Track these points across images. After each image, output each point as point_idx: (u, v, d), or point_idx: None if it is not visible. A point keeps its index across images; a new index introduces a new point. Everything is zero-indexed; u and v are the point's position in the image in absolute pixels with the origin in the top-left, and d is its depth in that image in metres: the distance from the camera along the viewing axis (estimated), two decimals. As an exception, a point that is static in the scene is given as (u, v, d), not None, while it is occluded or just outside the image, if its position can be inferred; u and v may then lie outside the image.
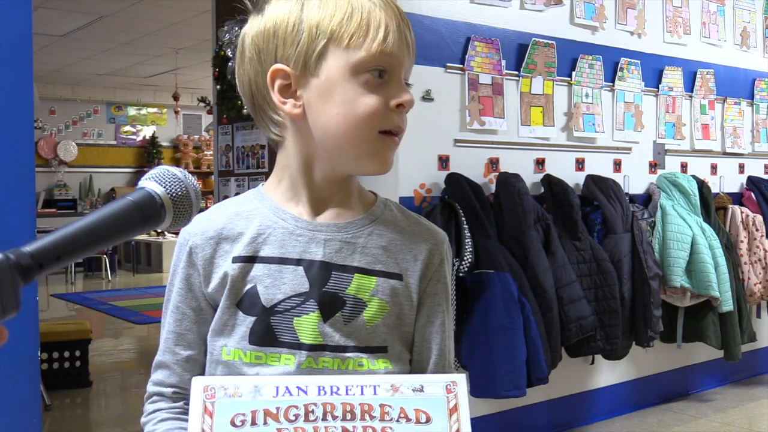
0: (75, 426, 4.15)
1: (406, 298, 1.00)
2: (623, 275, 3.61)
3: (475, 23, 3.49)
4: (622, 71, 4.07)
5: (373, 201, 1.05)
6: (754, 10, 4.92)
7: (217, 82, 4.07)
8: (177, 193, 0.77)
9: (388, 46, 0.94)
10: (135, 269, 11.25)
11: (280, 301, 0.96)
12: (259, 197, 1.02)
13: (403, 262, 1.00)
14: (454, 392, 0.84)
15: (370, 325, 0.97)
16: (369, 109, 0.93)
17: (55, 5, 7.08)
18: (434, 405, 0.83)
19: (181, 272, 1.02)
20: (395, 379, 0.84)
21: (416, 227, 1.04)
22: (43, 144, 11.89)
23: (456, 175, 3.28)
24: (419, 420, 0.82)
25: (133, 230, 0.73)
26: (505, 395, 3.08)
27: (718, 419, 3.97)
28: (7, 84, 2.34)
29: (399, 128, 0.96)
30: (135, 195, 0.74)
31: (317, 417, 0.81)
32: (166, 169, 0.78)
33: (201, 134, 13.48)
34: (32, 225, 2.44)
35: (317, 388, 0.83)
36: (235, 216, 1.01)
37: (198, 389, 0.82)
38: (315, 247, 0.97)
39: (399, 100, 0.95)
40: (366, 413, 0.82)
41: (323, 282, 0.96)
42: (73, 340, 4.69)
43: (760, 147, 4.94)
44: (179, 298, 1.02)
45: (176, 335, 1.02)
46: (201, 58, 9.17)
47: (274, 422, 0.81)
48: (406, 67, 0.97)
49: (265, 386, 0.83)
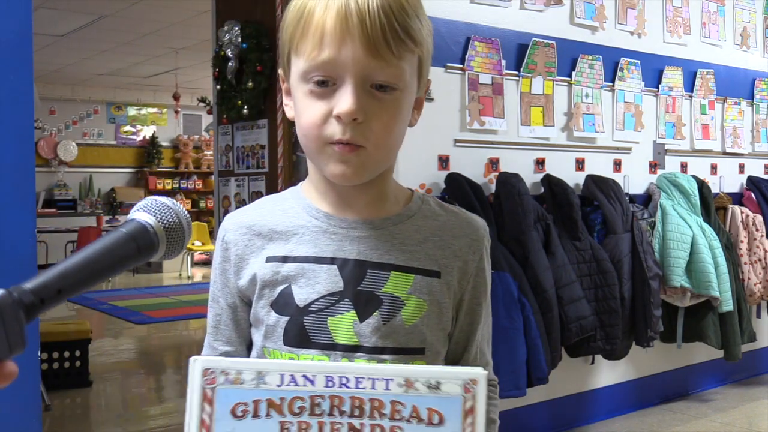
0: (75, 426, 4.14)
1: (445, 295, 0.97)
2: (623, 275, 3.61)
3: (475, 23, 3.49)
4: (622, 71, 4.07)
5: (409, 196, 1.02)
6: (754, 10, 4.92)
7: (217, 82, 4.07)
8: (169, 223, 0.76)
9: (323, 50, 0.87)
10: (135, 269, 11.25)
11: (314, 300, 0.94)
12: (295, 195, 1.02)
13: (441, 259, 0.97)
14: (472, 392, 0.78)
15: (408, 324, 0.94)
16: (310, 120, 0.90)
17: (55, 5, 7.08)
18: (449, 405, 0.77)
19: (218, 266, 1.02)
20: (410, 372, 0.78)
21: (455, 221, 1.01)
22: (43, 144, 11.89)
23: (456, 175, 3.28)
24: (431, 421, 0.77)
25: (129, 262, 0.73)
26: (505, 395, 3.08)
27: (718, 419, 3.97)
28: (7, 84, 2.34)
29: (341, 140, 0.88)
30: (127, 227, 0.73)
31: (323, 411, 0.77)
32: (154, 199, 0.77)
33: (201, 134, 13.48)
34: (32, 225, 2.44)
35: (325, 379, 0.77)
36: (269, 213, 1.00)
37: (197, 372, 0.78)
38: (349, 245, 0.95)
39: (335, 110, 0.88)
40: (376, 410, 0.77)
41: (358, 281, 0.94)
42: (73, 340, 4.68)
43: (760, 147, 4.94)
44: (217, 292, 1.02)
45: (215, 330, 1.03)
46: (201, 58, 9.17)
47: (278, 415, 0.77)
48: (364, 69, 0.88)
49: (270, 373, 0.78)
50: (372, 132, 0.89)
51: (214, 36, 4.18)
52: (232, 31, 3.89)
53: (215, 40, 4.14)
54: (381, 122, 0.90)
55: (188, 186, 13.06)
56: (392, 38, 0.88)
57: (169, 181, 12.91)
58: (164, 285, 9.97)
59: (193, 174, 13.21)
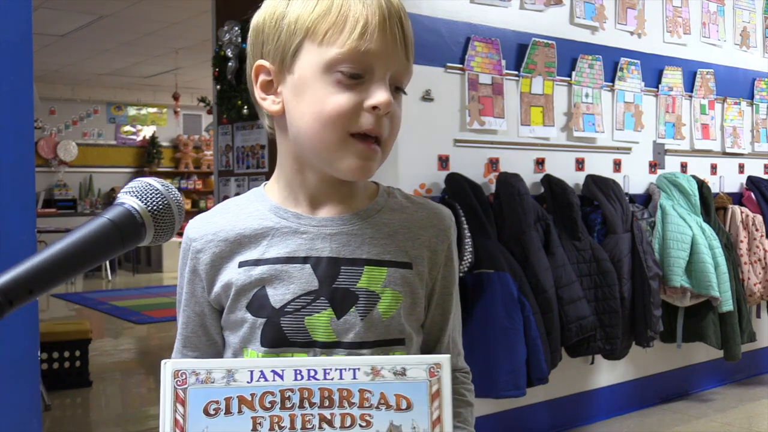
0: (75, 426, 4.14)
1: (418, 286, 0.98)
2: (623, 275, 3.61)
3: (475, 23, 3.49)
4: (622, 71, 4.07)
5: (375, 190, 1.03)
6: (754, 10, 4.92)
7: (217, 82, 4.07)
8: (157, 208, 0.73)
9: (365, 43, 0.88)
10: (135, 269, 11.25)
11: (290, 301, 0.94)
12: (260, 198, 1.01)
13: (412, 250, 0.98)
14: (437, 375, 0.81)
15: (386, 317, 0.95)
16: (337, 108, 0.89)
17: (55, 5, 7.08)
18: (416, 390, 0.80)
19: (185, 276, 1.01)
20: (376, 361, 0.81)
21: (422, 212, 1.02)
22: (43, 144, 11.89)
23: (456, 175, 3.28)
24: (400, 406, 0.80)
25: (111, 252, 0.69)
26: (505, 395, 3.08)
27: (718, 419, 3.97)
28: (7, 84, 2.34)
29: (372, 131, 0.90)
30: (113, 213, 0.70)
31: (294, 404, 0.79)
32: (146, 183, 0.74)
33: (201, 134, 13.48)
34: (32, 225, 2.44)
35: (293, 372, 0.80)
36: (235, 218, 0.99)
37: (168, 374, 0.79)
38: (321, 243, 0.96)
39: (372, 101, 0.89)
40: (345, 399, 0.79)
41: (333, 278, 0.94)
42: (73, 340, 4.68)
43: (759, 147, 4.94)
44: (185, 302, 1.02)
45: (184, 338, 1.03)
46: (201, 58, 9.17)
47: (249, 410, 0.79)
48: (393, 68, 0.91)
49: (239, 371, 0.80)
50: (392, 131, 0.94)
51: (214, 36, 4.19)
52: (232, 31, 3.90)
53: (215, 40, 4.14)
54: (397, 122, 0.94)
55: (188, 186, 13.06)
56: (410, 44, 0.94)
57: (169, 181, 12.88)
58: (164, 285, 9.97)
59: (193, 174, 13.21)
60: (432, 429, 0.80)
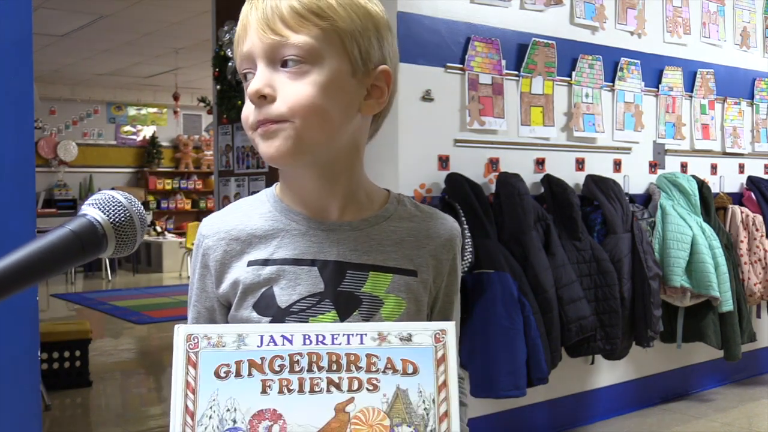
0: (75, 426, 4.14)
1: (422, 293, 1.00)
2: (623, 275, 3.61)
3: (475, 23, 3.49)
4: (622, 71, 4.07)
5: (386, 198, 1.04)
6: (754, 10, 4.92)
7: (217, 82, 4.07)
8: (119, 220, 0.74)
9: (245, 47, 0.94)
10: (135, 269, 11.25)
11: (296, 301, 0.96)
12: (271, 199, 1.02)
13: (417, 258, 1.00)
14: (442, 341, 0.83)
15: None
16: (244, 113, 0.94)
17: (55, 5, 7.08)
18: (422, 355, 0.82)
19: (196, 272, 1.03)
20: (383, 327, 0.83)
21: (429, 222, 1.04)
22: (43, 144, 11.89)
23: (456, 175, 3.28)
24: (406, 371, 0.81)
25: (71, 261, 0.70)
26: (505, 395, 3.08)
27: (718, 419, 3.97)
28: (7, 84, 2.34)
29: (257, 118, 0.92)
30: (75, 223, 0.71)
31: (302, 368, 0.81)
32: (110, 195, 0.76)
33: (201, 134, 13.48)
34: (32, 225, 2.44)
35: (302, 337, 0.82)
36: (247, 218, 1.01)
37: (181, 338, 0.81)
38: (329, 247, 0.97)
39: (247, 93, 0.93)
40: (352, 363, 0.81)
41: (338, 281, 0.96)
42: (73, 340, 4.69)
43: (760, 147, 4.94)
44: (195, 297, 1.04)
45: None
46: (201, 58, 9.18)
47: (259, 373, 0.80)
48: (265, 49, 0.91)
49: (250, 335, 0.82)
50: (287, 103, 0.90)
51: (214, 36, 4.19)
52: (232, 31, 3.89)
53: (215, 40, 4.14)
54: (294, 92, 0.90)
55: (188, 186, 13.07)
56: (288, 14, 0.90)
57: (169, 181, 12.92)
58: (164, 285, 9.97)
59: (193, 174, 13.22)
60: (438, 393, 0.81)
